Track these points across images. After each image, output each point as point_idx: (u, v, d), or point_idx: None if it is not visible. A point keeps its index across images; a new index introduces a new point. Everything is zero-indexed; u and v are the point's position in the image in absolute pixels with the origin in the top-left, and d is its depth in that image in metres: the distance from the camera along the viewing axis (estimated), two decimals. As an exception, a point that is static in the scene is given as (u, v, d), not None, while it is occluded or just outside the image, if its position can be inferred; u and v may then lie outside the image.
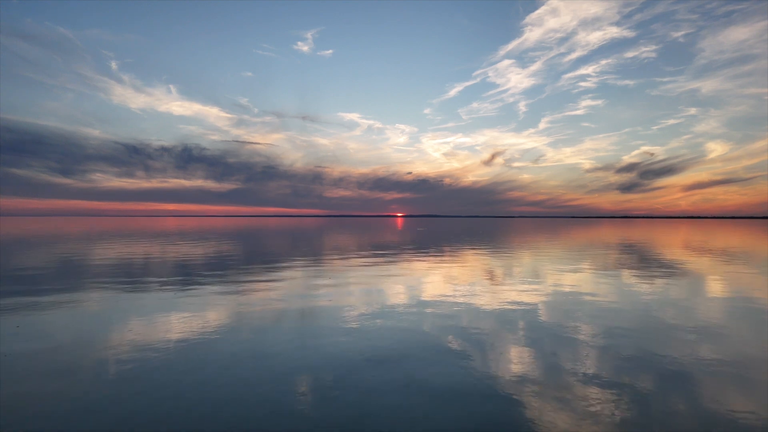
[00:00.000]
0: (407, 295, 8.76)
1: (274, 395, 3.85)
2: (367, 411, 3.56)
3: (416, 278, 11.23)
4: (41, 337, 5.67)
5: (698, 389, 4.00)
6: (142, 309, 7.36)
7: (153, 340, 5.49)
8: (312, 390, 3.97)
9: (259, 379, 4.25)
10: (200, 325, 6.30)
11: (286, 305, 7.73)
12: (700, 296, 8.71)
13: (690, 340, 5.55)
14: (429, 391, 3.98)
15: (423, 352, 5.12)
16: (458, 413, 3.53)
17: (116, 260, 15.48)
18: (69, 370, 4.45)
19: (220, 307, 7.52)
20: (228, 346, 5.29)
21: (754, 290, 9.42)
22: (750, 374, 4.37)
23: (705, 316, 6.88)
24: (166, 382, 4.14)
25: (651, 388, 4.03)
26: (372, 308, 7.54)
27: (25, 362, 4.69)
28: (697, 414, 3.50)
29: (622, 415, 3.48)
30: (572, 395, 3.87)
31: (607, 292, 9.05)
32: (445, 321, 6.69)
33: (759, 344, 5.39)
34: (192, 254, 17.99)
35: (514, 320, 6.66)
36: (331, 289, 9.52)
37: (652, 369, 4.51)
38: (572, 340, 5.53)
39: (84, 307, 7.55)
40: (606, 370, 4.48)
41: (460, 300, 8.30)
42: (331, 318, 6.81)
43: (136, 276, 11.52)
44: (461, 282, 10.57)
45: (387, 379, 4.25)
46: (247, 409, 3.57)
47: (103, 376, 4.30)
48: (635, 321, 6.60)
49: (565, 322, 6.52)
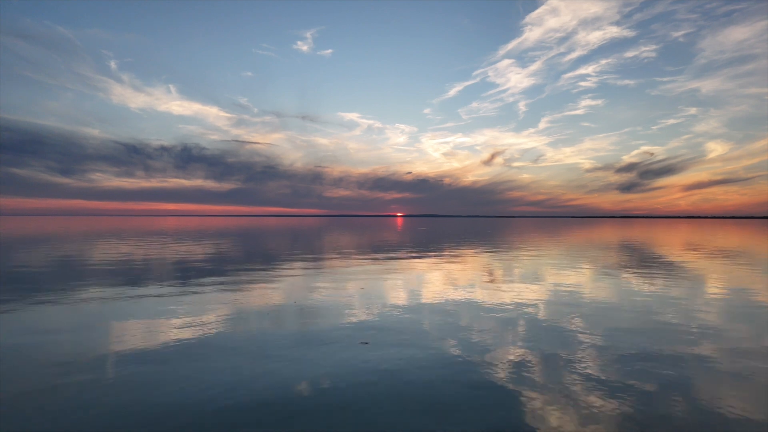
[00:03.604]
0: (432, 294, 8.95)
1: (273, 395, 3.82)
2: (366, 411, 3.53)
3: (432, 277, 11.58)
4: (41, 336, 5.65)
5: (698, 389, 3.99)
6: (140, 308, 7.35)
7: (153, 341, 5.49)
8: (312, 390, 3.94)
9: (259, 378, 4.21)
10: (200, 325, 6.28)
11: (292, 304, 7.69)
12: (700, 296, 8.73)
13: (690, 340, 5.57)
14: (428, 391, 3.97)
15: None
16: (459, 413, 3.51)
17: (115, 260, 15.41)
18: (69, 369, 4.45)
19: (219, 307, 7.51)
20: (228, 345, 5.29)
21: (754, 290, 9.45)
22: (750, 374, 4.37)
23: (705, 316, 6.90)
24: (166, 383, 4.11)
25: (651, 388, 4.02)
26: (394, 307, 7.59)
27: (25, 362, 4.68)
28: (698, 414, 3.50)
29: (622, 415, 3.47)
30: (573, 395, 3.85)
31: (608, 292, 9.09)
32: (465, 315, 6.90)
33: (759, 344, 5.41)
34: (192, 254, 17.93)
35: (521, 320, 6.71)
36: (361, 288, 9.52)
37: (653, 369, 4.51)
38: (574, 341, 5.56)
39: (82, 306, 7.52)
40: (608, 370, 4.49)
41: (479, 297, 8.51)
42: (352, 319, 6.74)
43: (135, 276, 11.49)
44: (478, 281, 10.75)
45: (388, 381, 4.18)
46: (247, 409, 3.55)
47: (103, 375, 4.29)
48: (636, 321, 6.62)
49: (572, 322, 6.56)
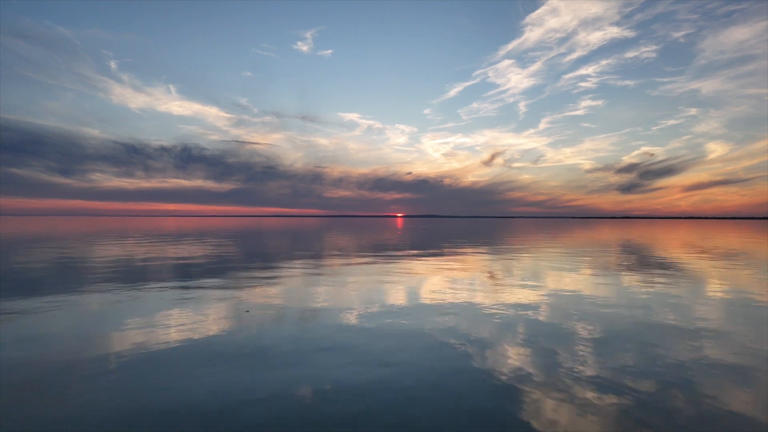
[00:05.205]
0: (434, 293, 8.93)
1: (274, 396, 3.84)
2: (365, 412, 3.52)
3: (434, 277, 11.56)
4: (41, 336, 5.68)
5: (699, 389, 4.01)
6: (140, 308, 7.38)
7: (152, 341, 5.52)
8: (312, 391, 3.95)
9: (259, 378, 4.23)
10: (199, 325, 6.30)
11: (292, 306, 7.64)
12: (700, 296, 8.76)
13: (690, 340, 5.62)
14: (427, 391, 3.96)
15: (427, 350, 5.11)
16: (458, 414, 3.51)
17: (115, 260, 15.18)
18: (69, 370, 4.47)
19: (218, 307, 7.51)
20: (227, 345, 5.32)
21: (754, 290, 9.47)
22: (750, 374, 4.41)
23: (705, 317, 6.95)
24: (165, 383, 4.12)
25: (652, 388, 4.04)
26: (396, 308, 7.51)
27: (25, 362, 4.72)
28: (698, 414, 3.52)
29: (622, 414, 3.49)
30: (573, 395, 3.87)
31: (608, 293, 9.13)
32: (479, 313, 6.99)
33: (759, 344, 5.46)
34: (191, 254, 17.69)
35: (521, 320, 6.74)
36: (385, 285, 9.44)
37: (653, 369, 4.55)
38: (575, 341, 5.60)
39: (81, 306, 7.54)
40: (608, 370, 4.52)
41: (489, 296, 8.58)
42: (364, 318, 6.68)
43: (134, 275, 11.46)
44: (478, 281, 10.59)
45: (389, 382, 4.16)
46: (247, 410, 3.55)
47: (102, 375, 4.31)
48: (636, 321, 6.67)
49: (572, 322, 6.58)
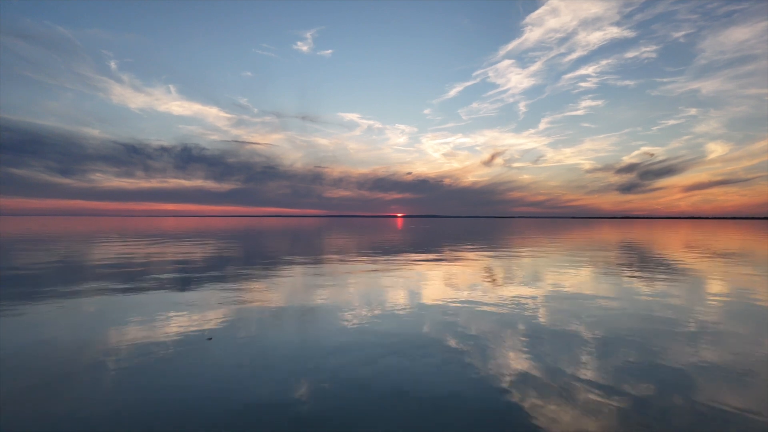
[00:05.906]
0: (442, 292, 8.90)
1: (273, 396, 3.82)
2: (364, 413, 3.52)
3: (435, 277, 11.46)
4: (41, 336, 5.70)
5: (699, 389, 4.01)
6: (140, 308, 7.38)
7: (151, 341, 5.55)
8: (312, 391, 3.95)
9: (259, 379, 4.23)
10: (199, 324, 6.30)
11: (291, 306, 7.58)
12: (700, 297, 8.74)
13: (690, 341, 5.65)
14: (427, 392, 3.94)
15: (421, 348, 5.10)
16: (458, 414, 3.51)
17: (115, 260, 15.09)
18: (68, 370, 4.48)
19: (218, 307, 7.51)
20: (227, 345, 5.32)
21: (754, 290, 9.42)
22: (750, 374, 4.40)
23: (706, 317, 6.96)
24: (164, 383, 4.13)
25: (652, 388, 4.04)
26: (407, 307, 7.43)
27: (24, 362, 4.70)
28: (698, 414, 3.52)
29: (622, 414, 3.50)
30: (573, 395, 3.87)
31: (608, 293, 9.10)
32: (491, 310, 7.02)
33: (759, 345, 5.48)
34: (191, 254, 17.60)
35: (520, 320, 6.70)
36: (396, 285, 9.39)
37: (653, 369, 4.55)
38: (574, 341, 5.61)
39: (81, 306, 7.53)
40: (608, 370, 4.51)
41: (499, 293, 8.64)
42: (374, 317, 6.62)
43: (134, 275, 11.39)
44: (478, 282, 10.51)
45: (390, 381, 4.16)
46: (247, 410, 3.55)
47: (102, 375, 4.32)
48: (636, 321, 6.68)
49: (573, 323, 6.55)
